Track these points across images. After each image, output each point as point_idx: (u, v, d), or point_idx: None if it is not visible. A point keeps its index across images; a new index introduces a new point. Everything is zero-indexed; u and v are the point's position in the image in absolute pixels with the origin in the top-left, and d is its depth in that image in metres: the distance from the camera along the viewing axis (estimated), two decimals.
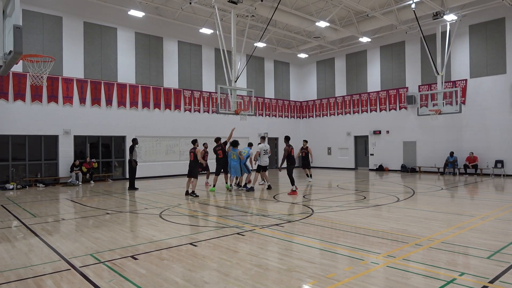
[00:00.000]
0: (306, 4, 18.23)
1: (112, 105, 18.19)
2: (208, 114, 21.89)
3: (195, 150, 12.25)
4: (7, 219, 8.65)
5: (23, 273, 4.78)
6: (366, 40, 21.30)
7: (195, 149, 12.28)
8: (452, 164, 18.98)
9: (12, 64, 5.33)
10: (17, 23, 4.87)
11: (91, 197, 12.48)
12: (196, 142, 12.59)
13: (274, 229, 7.12)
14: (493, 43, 18.23)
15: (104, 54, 18.05)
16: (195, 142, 12.56)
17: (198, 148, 12.44)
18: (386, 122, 22.63)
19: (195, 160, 12.19)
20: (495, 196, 12.15)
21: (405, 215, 8.46)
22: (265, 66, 25.25)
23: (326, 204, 10.22)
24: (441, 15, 17.39)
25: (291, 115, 26.98)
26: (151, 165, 19.42)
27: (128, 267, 4.99)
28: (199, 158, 12.19)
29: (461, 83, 19.31)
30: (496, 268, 4.71)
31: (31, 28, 15.75)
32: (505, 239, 6.13)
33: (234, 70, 16.15)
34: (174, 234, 6.92)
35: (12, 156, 15.62)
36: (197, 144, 12.58)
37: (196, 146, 12.43)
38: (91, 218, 8.60)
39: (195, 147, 12.40)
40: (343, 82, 24.96)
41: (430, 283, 4.25)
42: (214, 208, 10.02)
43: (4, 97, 15.22)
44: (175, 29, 20.34)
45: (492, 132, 18.26)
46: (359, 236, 6.58)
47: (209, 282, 4.38)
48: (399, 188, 13.68)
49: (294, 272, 4.70)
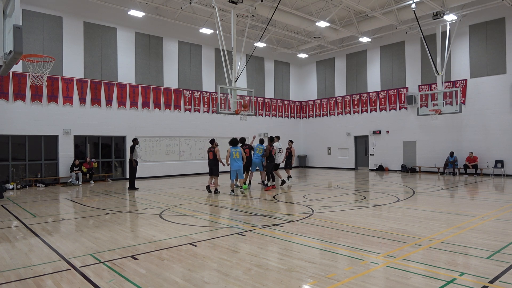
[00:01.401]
0: (306, 4, 18.23)
1: (112, 105, 18.19)
2: (208, 114, 21.89)
3: (214, 149, 12.74)
4: (7, 219, 8.65)
5: (23, 273, 4.78)
6: (366, 40, 21.30)
7: (214, 148, 12.77)
8: (452, 164, 18.98)
9: (12, 64, 5.34)
10: (17, 23, 4.87)
11: (91, 197, 12.48)
12: (214, 141, 13.02)
13: (274, 229, 7.12)
14: (493, 43, 18.23)
15: (104, 54, 18.05)
16: (213, 142, 12.99)
17: (217, 147, 12.91)
18: (386, 122, 22.63)
19: (214, 159, 12.72)
20: (495, 196, 12.15)
21: (405, 215, 8.46)
22: (265, 66, 25.25)
23: (326, 204, 10.22)
24: (441, 15, 17.38)
25: (291, 115, 26.98)
26: (151, 165, 19.42)
27: (128, 267, 4.99)
28: (219, 157, 12.71)
29: (461, 83, 19.31)
30: (496, 268, 4.71)
31: (31, 28, 15.75)
32: (505, 239, 6.13)
33: (234, 70, 16.15)
34: (174, 234, 6.92)
35: (12, 156, 15.62)
36: (216, 143, 13.00)
37: (215, 145, 12.88)
38: (91, 218, 8.60)
39: (214, 146, 12.85)
40: (343, 82, 24.96)
41: (430, 283, 4.25)
42: (214, 208, 10.02)
43: (4, 97, 15.22)
44: (175, 29, 20.34)
45: (492, 132, 18.26)
46: (359, 236, 6.57)
47: (209, 282, 4.38)
48: (399, 188, 13.68)
49: (294, 272, 4.70)
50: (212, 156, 12.79)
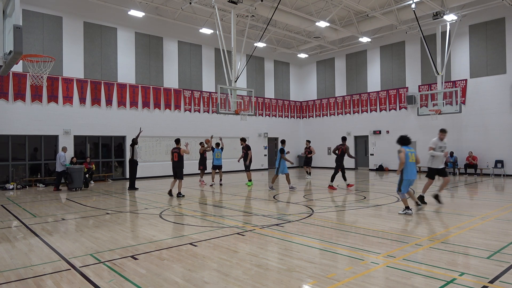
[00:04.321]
0: (306, 4, 18.23)
1: (112, 105, 18.19)
2: (208, 114, 21.89)
3: (179, 150, 11.84)
4: (7, 219, 8.65)
5: (23, 273, 4.78)
6: (366, 40, 21.30)
7: (179, 149, 11.88)
8: (452, 164, 18.98)
9: (12, 64, 5.33)
10: (17, 23, 4.87)
11: (91, 197, 12.48)
12: (179, 141, 12.25)
13: (274, 229, 7.12)
14: (493, 43, 18.23)
15: (104, 54, 18.05)
16: (178, 142, 12.18)
17: (182, 148, 12.05)
18: (386, 122, 22.63)
19: (179, 161, 11.77)
20: (495, 196, 12.15)
21: (405, 215, 8.45)
22: (265, 66, 25.25)
23: (326, 204, 10.22)
24: (441, 15, 17.39)
25: (291, 115, 26.98)
26: (151, 165, 19.42)
27: (128, 267, 4.99)
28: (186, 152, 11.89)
29: (461, 83, 19.31)
30: (496, 268, 4.71)
31: (31, 28, 15.75)
32: (505, 239, 6.12)
33: (234, 70, 16.15)
34: (174, 234, 6.92)
35: (12, 156, 15.62)
36: (180, 144, 12.27)
37: (180, 146, 12.05)
38: (91, 218, 8.60)
39: (179, 146, 12.00)
40: (343, 82, 24.96)
41: (430, 283, 4.25)
42: (214, 208, 10.02)
43: (4, 97, 15.22)
44: (175, 29, 20.34)
45: (492, 132, 18.25)
46: (359, 236, 6.57)
47: (209, 282, 4.38)
48: None
49: (294, 272, 4.70)
50: (177, 157, 11.80)
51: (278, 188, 14.01)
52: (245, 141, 15.29)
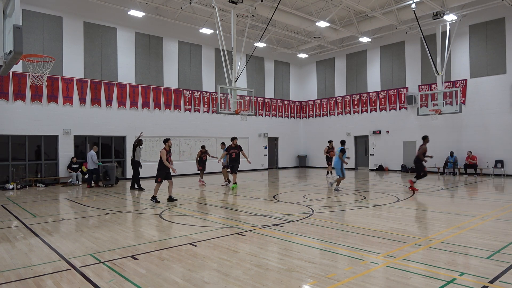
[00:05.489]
0: (306, 4, 18.23)
1: (112, 105, 18.18)
2: (208, 114, 21.89)
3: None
4: (7, 219, 8.65)
5: (23, 273, 4.78)
6: (366, 40, 21.30)
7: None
8: (452, 164, 18.98)
9: (12, 64, 5.33)
10: (17, 23, 4.87)
11: (91, 197, 12.48)
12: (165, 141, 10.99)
13: (274, 229, 7.12)
14: (493, 43, 18.23)
15: (104, 54, 18.05)
16: (166, 141, 10.99)
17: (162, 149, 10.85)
18: (386, 122, 22.63)
19: (161, 162, 10.78)
20: (495, 196, 12.15)
21: (405, 215, 8.46)
22: (265, 66, 25.25)
23: (326, 204, 10.22)
24: (441, 15, 17.39)
25: (291, 115, 26.98)
26: (151, 165, 19.36)
27: (128, 267, 4.99)
28: (163, 159, 10.67)
29: (461, 83, 19.30)
30: (496, 268, 4.71)
31: (31, 28, 15.75)
32: (505, 239, 6.12)
33: (234, 70, 16.15)
34: (174, 234, 6.92)
35: (12, 156, 15.62)
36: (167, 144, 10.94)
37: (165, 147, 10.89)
38: (91, 218, 8.60)
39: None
40: (343, 82, 24.96)
41: (430, 283, 4.25)
42: (214, 208, 10.02)
43: (4, 97, 15.22)
44: (175, 29, 20.34)
45: (492, 132, 18.26)
46: (359, 236, 6.57)
47: (209, 282, 4.38)
48: (399, 188, 13.68)
49: (294, 272, 4.70)
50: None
51: (277, 187, 13.98)
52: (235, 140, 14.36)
